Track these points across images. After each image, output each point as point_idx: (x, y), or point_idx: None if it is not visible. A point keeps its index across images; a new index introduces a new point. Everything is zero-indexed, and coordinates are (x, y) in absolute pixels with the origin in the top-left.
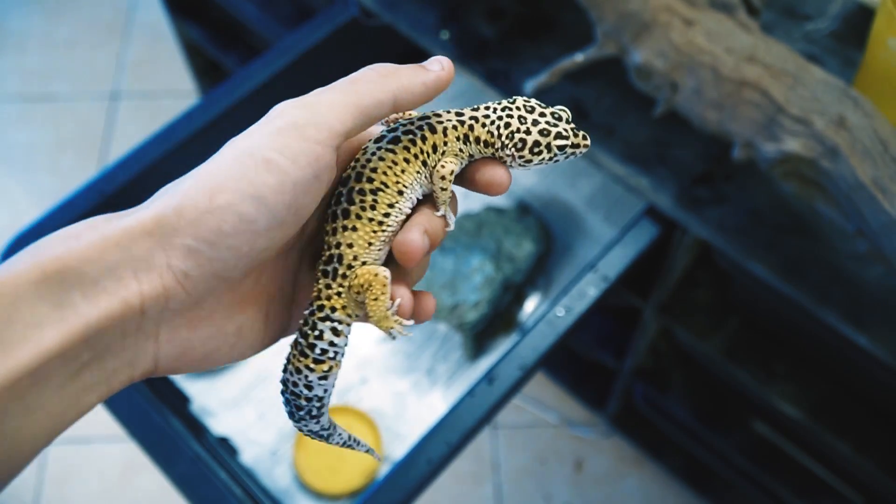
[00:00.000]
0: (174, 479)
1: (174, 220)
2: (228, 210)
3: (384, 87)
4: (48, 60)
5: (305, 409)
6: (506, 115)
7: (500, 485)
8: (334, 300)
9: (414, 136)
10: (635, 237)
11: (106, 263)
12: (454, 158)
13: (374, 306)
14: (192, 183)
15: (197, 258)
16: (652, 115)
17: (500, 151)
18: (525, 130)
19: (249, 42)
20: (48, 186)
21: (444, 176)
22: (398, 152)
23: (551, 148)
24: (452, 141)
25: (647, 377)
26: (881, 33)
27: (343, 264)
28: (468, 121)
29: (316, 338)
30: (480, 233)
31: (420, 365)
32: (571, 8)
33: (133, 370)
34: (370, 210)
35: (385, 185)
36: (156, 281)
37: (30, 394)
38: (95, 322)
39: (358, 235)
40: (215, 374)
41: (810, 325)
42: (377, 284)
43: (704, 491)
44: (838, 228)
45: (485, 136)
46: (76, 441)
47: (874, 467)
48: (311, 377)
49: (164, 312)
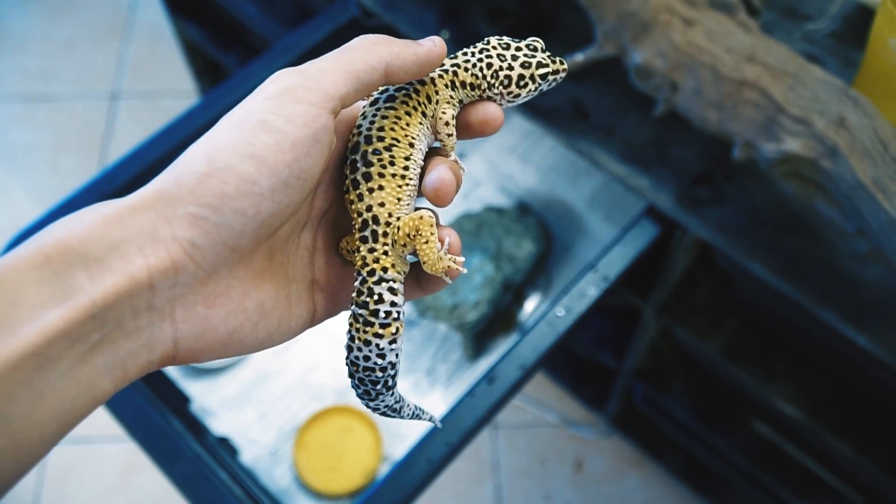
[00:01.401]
0: (174, 479)
1: (174, 190)
2: (228, 171)
3: (375, 54)
4: (48, 60)
5: (382, 381)
6: (485, 57)
7: (500, 485)
8: (383, 261)
9: (407, 90)
10: (635, 237)
11: (109, 241)
12: (448, 105)
13: (426, 249)
14: (189, 153)
15: (203, 225)
16: (652, 115)
17: (487, 91)
18: (507, 67)
19: (249, 42)
20: (48, 186)
21: (447, 122)
22: (398, 108)
23: (535, 78)
24: (442, 89)
25: (647, 377)
26: (881, 33)
27: (381, 223)
28: (451, 68)
29: (377, 302)
30: (480, 233)
31: (420, 365)
32: (571, 8)
33: (151, 353)
34: (390, 166)
35: (396, 140)
36: (162, 254)
37: (36, 377)
38: (101, 300)
39: (386, 193)
40: (215, 374)
41: (810, 325)
42: (424, 227)
43: (704, 491)
44: (838, 228)
45: (470, 80)
46: (76, 441)
47: (874, 467)
48: (381, 344)
49: (177, 288)
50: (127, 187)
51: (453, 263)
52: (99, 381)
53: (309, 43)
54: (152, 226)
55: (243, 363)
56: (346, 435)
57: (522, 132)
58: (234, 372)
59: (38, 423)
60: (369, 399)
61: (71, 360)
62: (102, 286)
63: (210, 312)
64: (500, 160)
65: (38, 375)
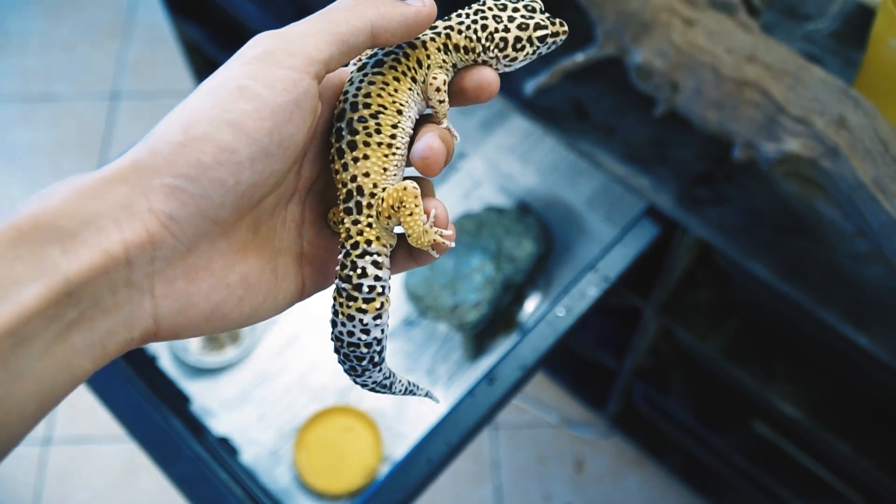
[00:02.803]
0: (174, 479)
1: (150, 161)
2: (205, 140)
3: (361, 14)
4: (48, 61)
5: (367, 357)
6: (480, 18)
7: (500, 485)
8: (367, 233)
9: (396, 55)
10: (635, 237)
11: (83, 215)
12: (440, 70)
13: (411, 222)
14: (164, 123)
15: (180, 197)
16: (652, 115)
17: (482, 55)
18: (503, 28)
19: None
20: (49, 186)
21: (438, 87)
22: (386, 73)
23: (532, 41)
24: (434, 53)
25: (647, 377)
26: (882, 33)
27: (365, 194)
28: (444, 31)
29: (360, 276)
30: (480, 233)
31: (420, 365)
32: (571, 8)
33: (131, 331)
34: (376, 134)
35: (383, 108)
36: (139, 227)
37: (13, 357)
38: (76, 276)
39: (371, 163)
40: (215, 374)
41: (810, 325)
42: (408, 198)
43: (704, 491)
44: (838, 228)
45: (464, 42)
46: (76, 441)
47: (874, 467)
48: (365, 319)
49: (155, 262)
50: None
51: (439, 237)
52: (78, 359)
53: None
54: (127, 198)
55: (243, 363)
56: (346, 435)
57: (522, 132)
58: (234, 372)
59: (18, 403)
60: (356, 375)
61: (48, 338)
62: (77, 262)
63: (191, 287)
64: (500, 160)
65: (14, 355)
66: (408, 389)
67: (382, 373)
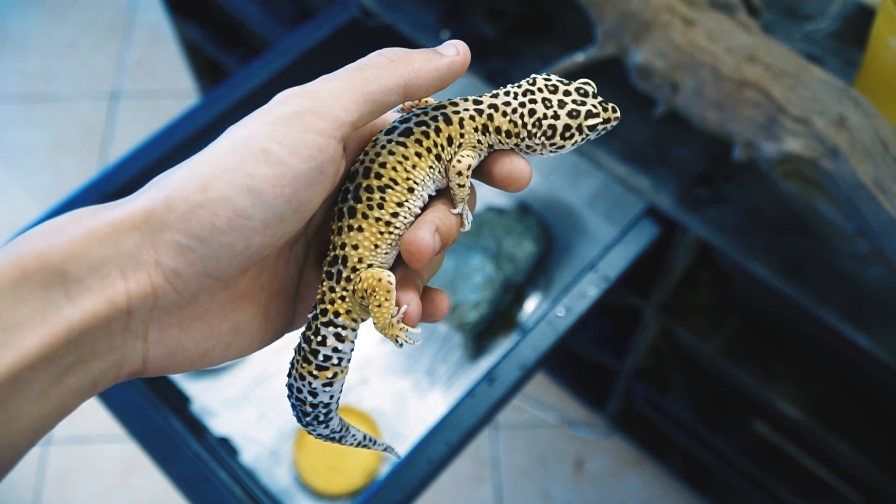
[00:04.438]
0: (174, 479)
1: (164, 214)
2: (222, 203)
3: (393, 73)
4: (48, 61)
5: (312, 414)
6: (528, 101)
7: (500, 485)
8: (338, 304)
9: (427, 127)
10: (635, 237)
11: (90, 260)
12: (472, 151)
13: (379, 313)
14: (184, 173)
15: (188, 256)
16: (652, 115)
17: (525, 141)
18: (553, 115)
19: (249, 42)
20: (48, 186)
21: (460, 171)
22: (409, 146)
23: (583, 129)
24: (470, 132)
25: (647, 377)
26: (882, 33)
27: (347, 267)
28: (487, 109)
29: (319, 343)
30: (481, 233)
31: (420, 365)
32: (571, 8)
33: (119, 370)
34: (377, 209)
35: (394, 182)
36: (144, 279)
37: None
38: (79, 324)
39: (364, 237)
40: (215, 374)
41: (810, 325)
42: (381, 290)
43: (704, 491)
44: (838, 228)
45: (507, 126)
46: (76, 441)
47: (874, 467)
48: (314, 384)
49: (153, 312)
50: (127, 187)
51: (403, 334)
52: (70, 398)
53: (309, 43)
54: (136, 249)
55: (243, 363)
56: None
57: None
58: (234, 372)
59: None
60: (301, 424)
61: (45, 382)
62: (81, 309)
63: (183, 335)
64: None
65: (13, 399)
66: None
67: (330, 428)
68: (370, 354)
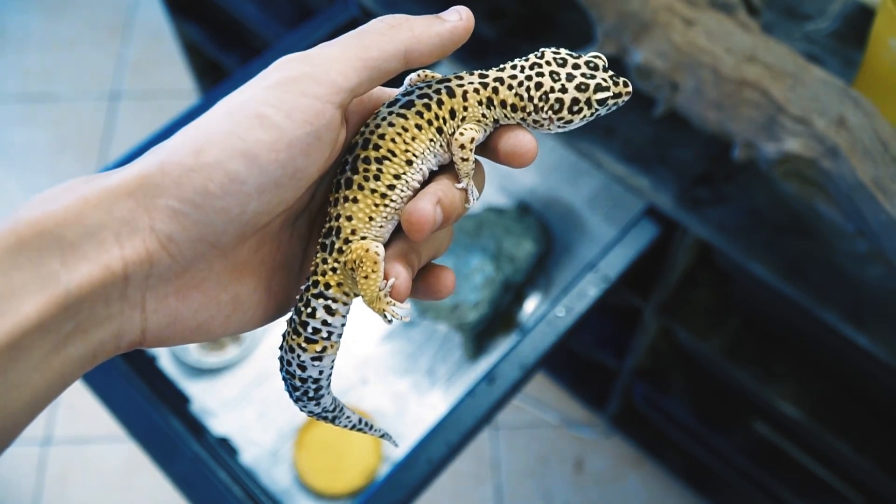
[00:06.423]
0: (174, 479)
1: (158, 179)
2: (216, 167)
3: (393, 39)
4: (48, 60)
5: (301, 389)
6: (535, 74)
7: (500, 485)
8: (329, 276)
9: (429, 99)
10: (635, 237)
11: (85, 226)
12: (476, 125)
13: (365, 285)
14: (178, 139)
15: (181, 221)
16: (652, 115)
17: (532, 115)
18: (560, 88)
19: (249, 42)
20: (48, 186)
21: (462, 144)
22: (410, 117)
23: (591, 103)
24: (474, 106)
25: (647, 377)
26: (881, 33)
27: (340, 238)
28: (492, 83)
29: (308, 315)
30: (480, 233)
31: (420, 365)
32: (571, 8)
33: (119, 341)
34: (373, 180)
35: (392, 154)
36: (139, 245)
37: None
38: (76, 290)
39: (358, 208)
40: (215, 374)
41: (810, 325)
42: (367, 261)
43: (704, 491)
44: (838, 228)
45: (512, 100)
46: (76, 441)
47: (874, 467)
48: (303, 357)
49: (150, 279)
50: None
51: (390, 308)
52: (70, 368)
53: (309, 43)
54: (131, 213)
55: (243, 363)
56: (346, 435)
57: None
58: (234, 372)
59: (12, 413)
60: (291, 398)
61: (44, 350)
62: (77, 275)
63: (181, 304)
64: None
65: (12, 367)
66: (357, 428)
67: (321, 406)
68: (370, 354)
